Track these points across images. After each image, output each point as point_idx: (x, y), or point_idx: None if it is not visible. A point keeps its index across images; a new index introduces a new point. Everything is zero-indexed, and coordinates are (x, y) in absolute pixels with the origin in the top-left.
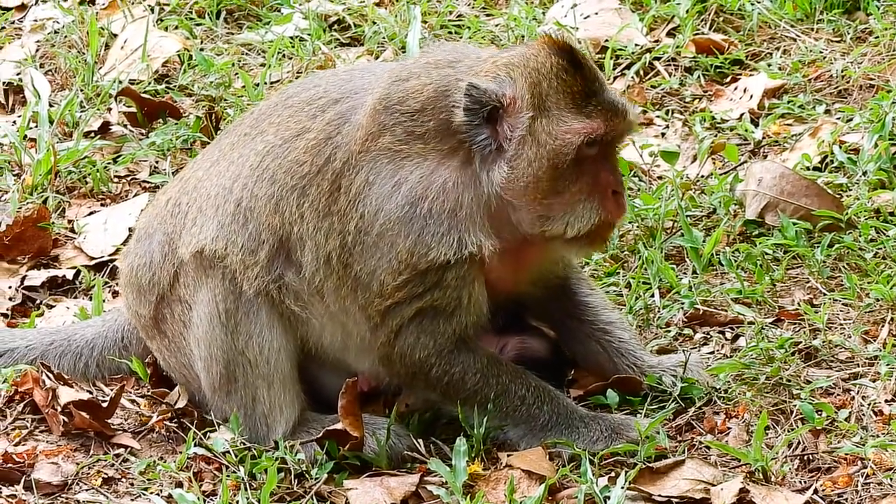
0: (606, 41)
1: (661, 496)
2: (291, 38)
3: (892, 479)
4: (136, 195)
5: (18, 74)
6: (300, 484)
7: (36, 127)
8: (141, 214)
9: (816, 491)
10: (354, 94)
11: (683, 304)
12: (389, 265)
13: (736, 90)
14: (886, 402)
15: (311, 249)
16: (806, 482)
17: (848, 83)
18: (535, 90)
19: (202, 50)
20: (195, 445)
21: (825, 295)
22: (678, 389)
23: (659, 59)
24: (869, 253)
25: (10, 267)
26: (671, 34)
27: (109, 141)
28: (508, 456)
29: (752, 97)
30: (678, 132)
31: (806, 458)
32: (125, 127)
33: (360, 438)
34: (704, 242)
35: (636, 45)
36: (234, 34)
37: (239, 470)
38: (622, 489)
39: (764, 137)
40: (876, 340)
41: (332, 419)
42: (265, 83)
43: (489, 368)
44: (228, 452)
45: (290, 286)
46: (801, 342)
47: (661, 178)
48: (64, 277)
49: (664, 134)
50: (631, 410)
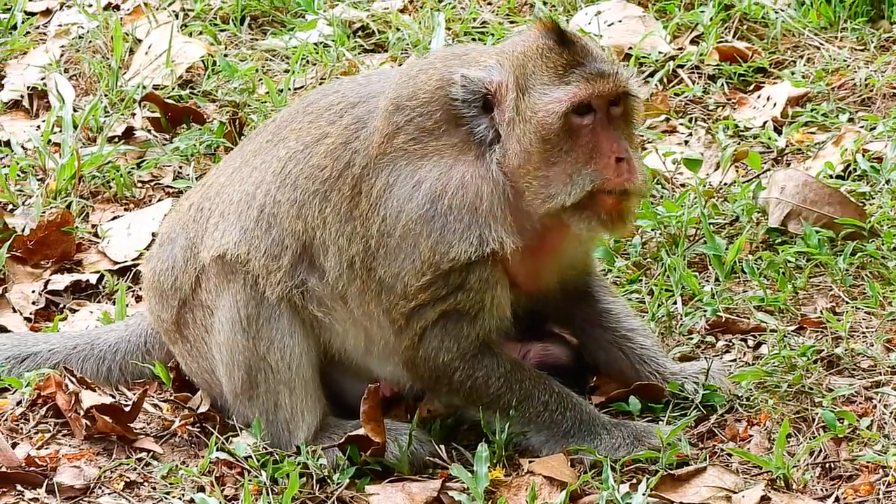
0: (630, 49)
1: (682, 503)
2: (315, 44)
3: None
4: (159, 200)
5: (43, 79)
6: (322, 489)
7: (60, 132)
8: (164, 219)
9: (838, 499)
10: (371, 97)
11: (706, 311)
12: (413, 266)
13: (759, 98)
14: None
15: (334, 254)
16: (827, 490)
17: (871, 91)
18: (520, 72)
19: (226, 56)
20: (217, 450)
21: (847, 303)
22: (700, 397)
23: (682, 66)
24: (892, 261)
25: (33, 271)
26: (695, 42)
27: (133, 146)
28: (530, 462)
29: (775, 105)
30: (701, 140)
31: (828, 465)
32: (149, 132)
33: (381, 444)
34: (727, 250)
35: (660, 52)
36: (258, 40)
37: (261, 474)
38: (644, 496)
39: (787, 145)
40: None
41: (353, 425)
42: (289, 89)
43: (512, 373)
44: (250, 457)
45: (313, 292)
46: (823, 350)
47: (684, 185)
48: (87, 282)
49: (687, 141)
50: (653, 417)
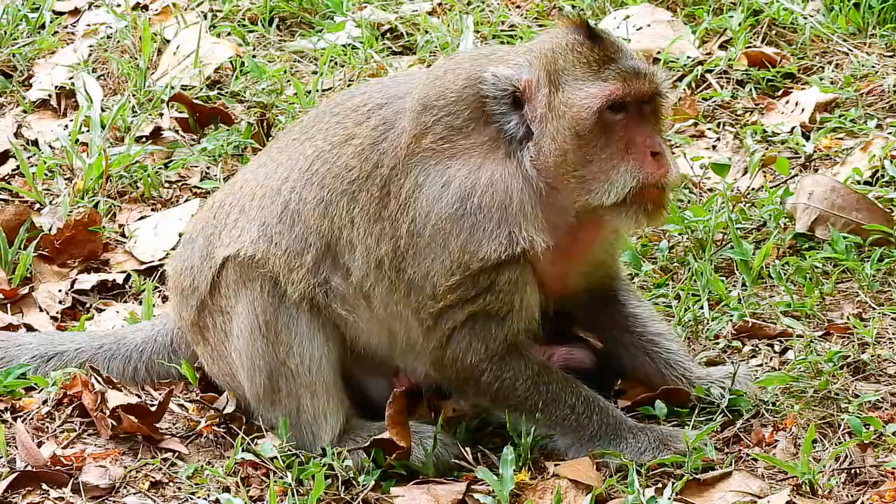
0: (658, 53)
1: None
2: (344, 46)
3: None
4: (186, 200)
5: (71, 79)
6: (347, 491)
7: (88, 131)
8: (190, 220)
9: None
10: (398, 98)
11: (732, 316)
12: (442, 266)
13: (787, 104)
14: None
15: (361, 254)
16: (853, 496)
17: None
18: (550, 68)
19: (254, 57)
20: (243, 451)
21: (874, 309)
22: (726, 401)
23: (711, 71)
24: None
25: (60, 270)
26: (723, 47)
27: (161, 146)
28: (555, 465)
29: (803, 111)
30: (729, 145)
31: (853, 471)
32: (176, 132)
33: (407, 448)
34: (754, 255)
35: (688, 57)
36: (286, 41)
37: (286, 476)
38: (669, 500)
39: (815, 151)
40: None
41: (378, 427)
42: (317, 91)
43: (540, 376)
44: (276, 458)
45: (336, 290)
46: (849, 356)
47: (711, 190)
48: (114, 281)
49: (715, 146)
50: (679, 422)
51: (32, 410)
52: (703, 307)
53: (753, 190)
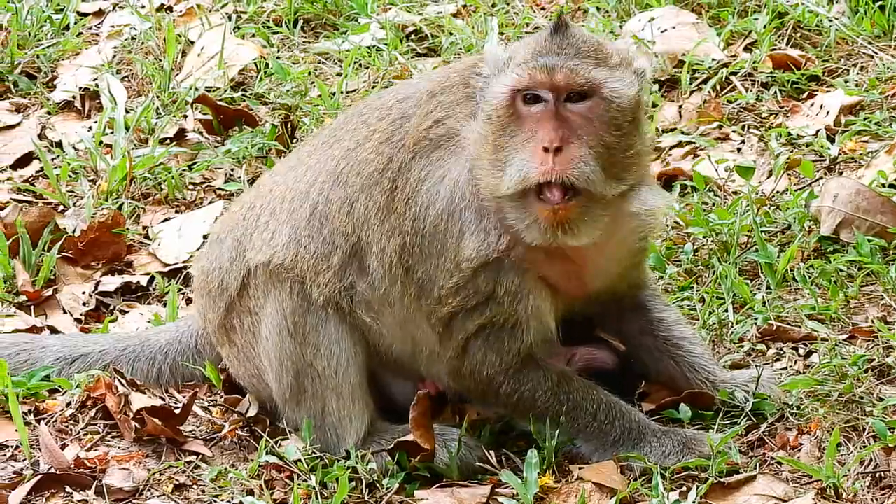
0: (683, 55)
1: None
2: (368, 47)
3: None
4: (210, 202)
5: (95, 80)
6: (371, 494)
7: (112, 133)
8: (217, 220)
9: None
10: (418, 93)
11: (757, 319)
12: (443, 266)
13: (812, 106)
14: None
15: (376, 254)
16: (878, 500)
17: None
18: (512, 53)
19: (279, 58)
20: (267, 453)
21: None
22: (750, 405)
23: (735, 74)
24: None
25: (84, 272)
26: (748, 49)
27: (185, 148)
28: (580, 469)
29: (828, 113)
30: (754, 147)
31: (878, 475)
32: (201, 134)
33: (431, 451)
34: (779, 258)
35: (713, 59)
36: (310, 43)
37: (310, 478)
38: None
39: (840, 154)
40: None
41: (402, 430)
42: (341, 92)
43: (559, 386)
44: (300, 461)
45: (361, 296)
46: (874, 359)
47: (736, 193)
48: (138, 283)
49: (740, 149)
50: (703, 425)
51: (56, 413)
52: (727, 310)
53: (778, 193)
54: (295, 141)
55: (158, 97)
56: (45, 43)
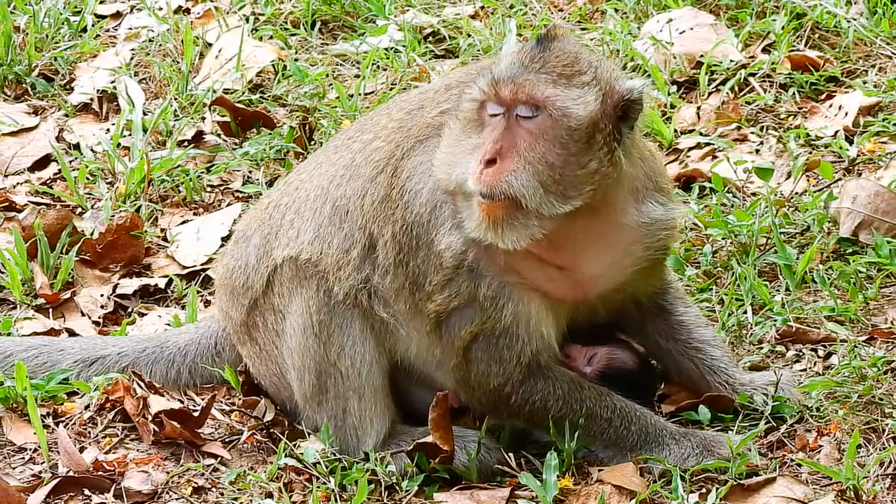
0: (701, 56)
1: None
2: (386, 49)
3: None
4: (228, 205)
5: (113, 82)
6: (390, 496)
7: (129, 135)
8: (242, 218)
9: None
10: (436, 87)
11: (776, 321)
12: (431, 261)
13: (831, 107)
14: None
15: (382, 246)
16: None
17: None
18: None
19: (296, 60)
20: (286, 456)
21: None
22: (770, 407)
23: (754, 75)
24: None
25: (102, 275)
26: (766, 50)
27: (203, 150)
28: (599, 471)
29: (846, 114)
30: (772, 149)
31: None
32: (219, 136)
33: (450, 452)
34: (798, 260)
35: (731, 60)
36: (328, 45)
37: (329, 481)
38: None
39: (858, 155)
40: None
41: (422, 432)
42: (359, 94)
43: (571, 394)
44: (319, 463)
45: (377, 290)
46: (893, 361)
47: (755, 194)
48: (156, 286)
49: (758, 150)
50: (722, 427)
51: (74, 416)
52: (746, 312)
53: (797, 194)
54: (313, 143)
55: (176, 99)
56: (62, 45)
